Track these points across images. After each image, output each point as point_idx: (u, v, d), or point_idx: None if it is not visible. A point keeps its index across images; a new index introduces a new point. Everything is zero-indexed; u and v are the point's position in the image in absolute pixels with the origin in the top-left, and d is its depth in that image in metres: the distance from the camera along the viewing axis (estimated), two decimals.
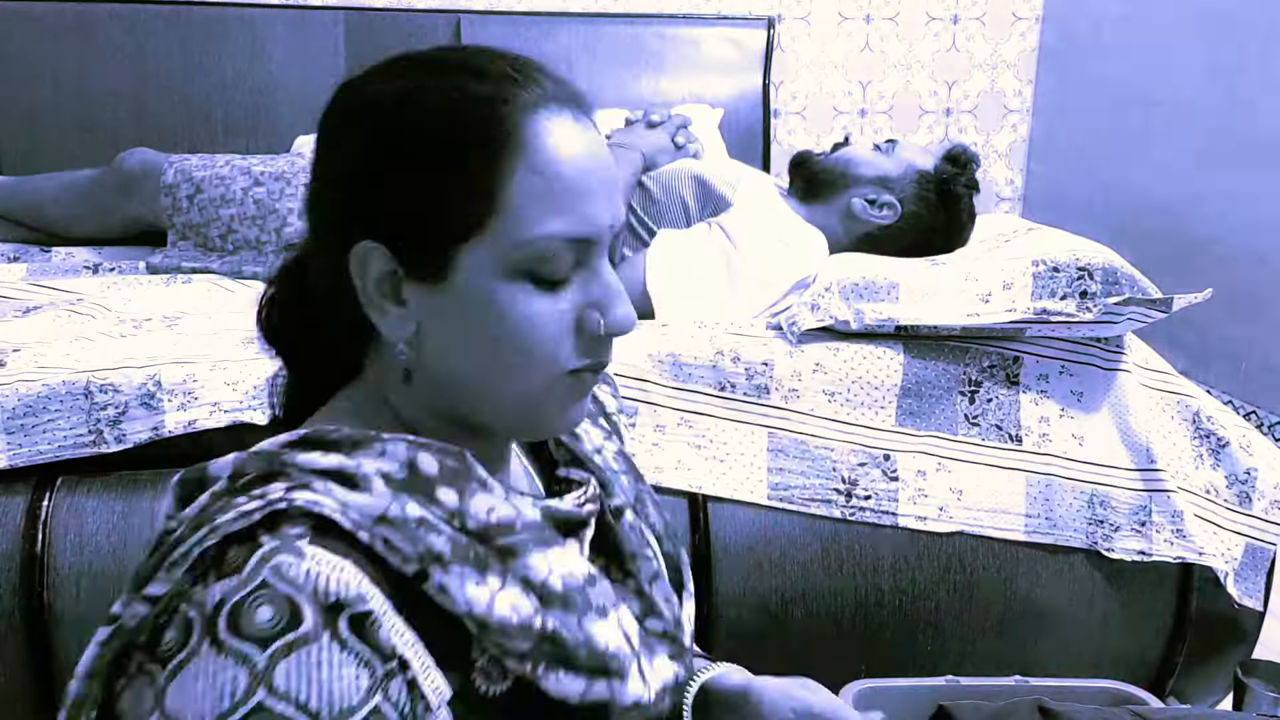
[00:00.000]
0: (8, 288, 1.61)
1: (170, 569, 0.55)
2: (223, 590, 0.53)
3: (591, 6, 2.70)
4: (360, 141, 0.61)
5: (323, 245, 0.65)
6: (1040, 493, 1.32)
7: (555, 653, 0.60)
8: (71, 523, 1.17)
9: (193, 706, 0.51)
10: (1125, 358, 1.36)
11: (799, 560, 1.28)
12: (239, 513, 0.55)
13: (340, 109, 0.64)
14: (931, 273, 1.39)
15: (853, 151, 1.74)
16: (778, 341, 1.33)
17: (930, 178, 1.68)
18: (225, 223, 1.73)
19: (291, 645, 0.52)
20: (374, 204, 0.60)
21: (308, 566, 0.53)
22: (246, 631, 0.52)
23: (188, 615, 0.53)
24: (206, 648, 0.52)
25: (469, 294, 0.60)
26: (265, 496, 0.56)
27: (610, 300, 0.63)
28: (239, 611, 0.52)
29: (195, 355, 1.27)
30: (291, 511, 0.56)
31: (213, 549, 0.55)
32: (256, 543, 0.54)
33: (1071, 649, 1.35)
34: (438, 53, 0.63)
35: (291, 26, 2.44)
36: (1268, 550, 1.34)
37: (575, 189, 0.60)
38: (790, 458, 1.29)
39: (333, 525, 0.56)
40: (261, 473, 0.58)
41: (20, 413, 1.17)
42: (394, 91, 0.61)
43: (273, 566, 0.53)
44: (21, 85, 2.31)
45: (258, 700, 0.51)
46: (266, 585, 0.52)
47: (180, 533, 0.57)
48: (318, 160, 0.65)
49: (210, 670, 0.51)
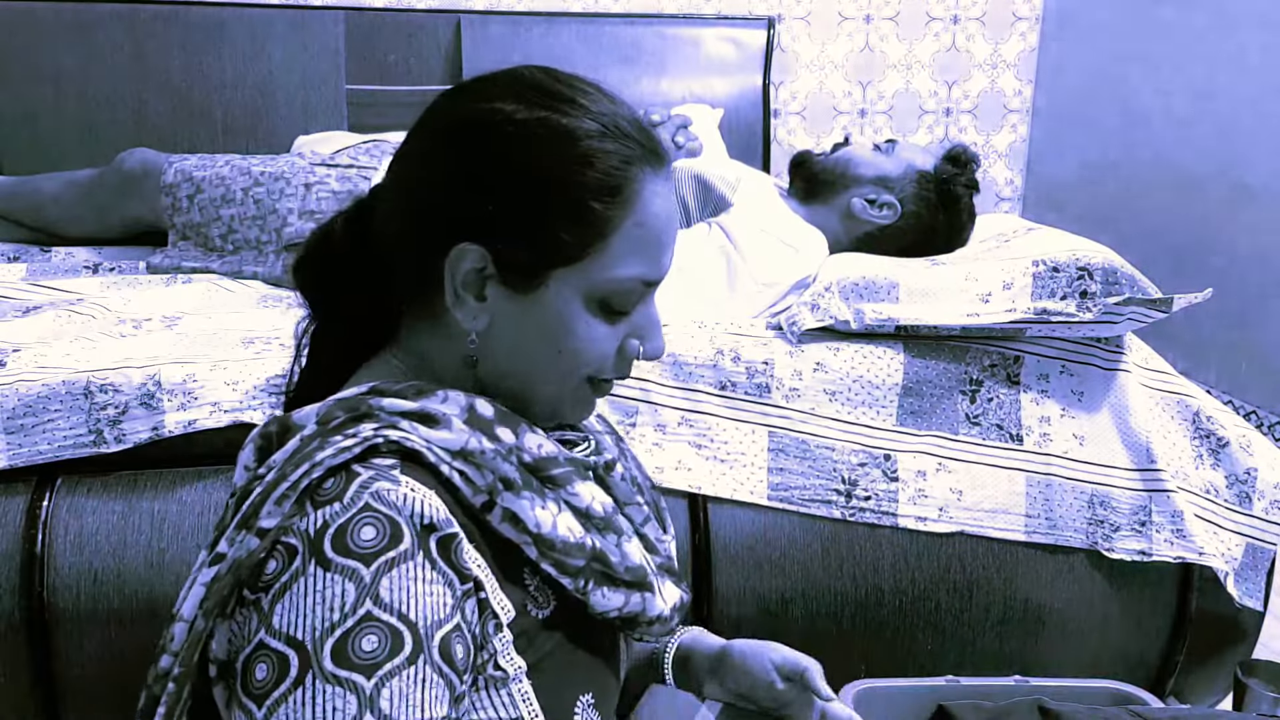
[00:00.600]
0: (8, 288, 1.60)
1: (279, 502, 0.60)
2: (325, 515, 0.59)
3: (591, 6, 2.70)
4: (487, 154, 0.67)
5: (413, 229, 0.70)
6: (1040, 493, 1.32)
7: (602, 570, 0.69)
8: (71, 523, 1.17)
9: (304, 619, 0.56)
10: (1125, 358, 1.36)
11: (799, 560, 1.28)
12: (338, 448, 0.61)
13: (466, 116, 0.68)
14: (931, 273, 1.40)
15: (852, 151, 1.74)
16: (778, 341, 1.34)
17: (930, 177, 1.68)
18: (225, 223, 1.73)
19: (393, 561, 0.58)
20: (490, 215, 0.67)
21: (404, 492, 0.60)
22: (352, 550, 0.58)
23: (288, 543, 0.59)
24: (314, 566, 0.57)
25: (549, 309, 0.69)
26: (359, 434, 0.62)
27: (652, 332, 0.73)
28: (344, 532, 0.58)
29: (195, 355, 1.27)
30: (383, 446, 0.62)
31: (314, 481, 0.60)
32: (352, 473, 0.60)
33: (1071, 649, 1.35)
34: (565, 87, 0.69)
35: (291, 26, 2.44)
36: (1268, 550, 1.34)
37: (659, 241, 0.71)
38: (791, 457, 1.29)
39: (418, 459, 0.63)
40: (350, 415, 0.64)
41: (20, 413, 1.17)
42: (531, 120, 0.67)
43: (373, 492, 0.59)
44: (21, 85, 2.31)
45: (366, 610, 0.56)
46: (369, 508, 0.59)
47: (280, 470, 0.62)
48: (432, 154, 0.69)
49: (319, 586, 0.57)
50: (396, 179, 0.72)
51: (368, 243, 0.73)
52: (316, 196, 1.71)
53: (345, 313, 0.75)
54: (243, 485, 0.65)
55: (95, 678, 1.18)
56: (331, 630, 0.56)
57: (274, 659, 0.56)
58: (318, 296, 0.77)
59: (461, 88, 0.71)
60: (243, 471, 0.68)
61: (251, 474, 0.66)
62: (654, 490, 0.86)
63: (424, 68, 2.52)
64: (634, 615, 0.72)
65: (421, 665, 0.57)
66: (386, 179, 0.74)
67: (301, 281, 0.77)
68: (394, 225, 0.71)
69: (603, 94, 0.71)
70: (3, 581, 1.15)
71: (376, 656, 0.56)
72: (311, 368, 0.78)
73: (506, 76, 0.70)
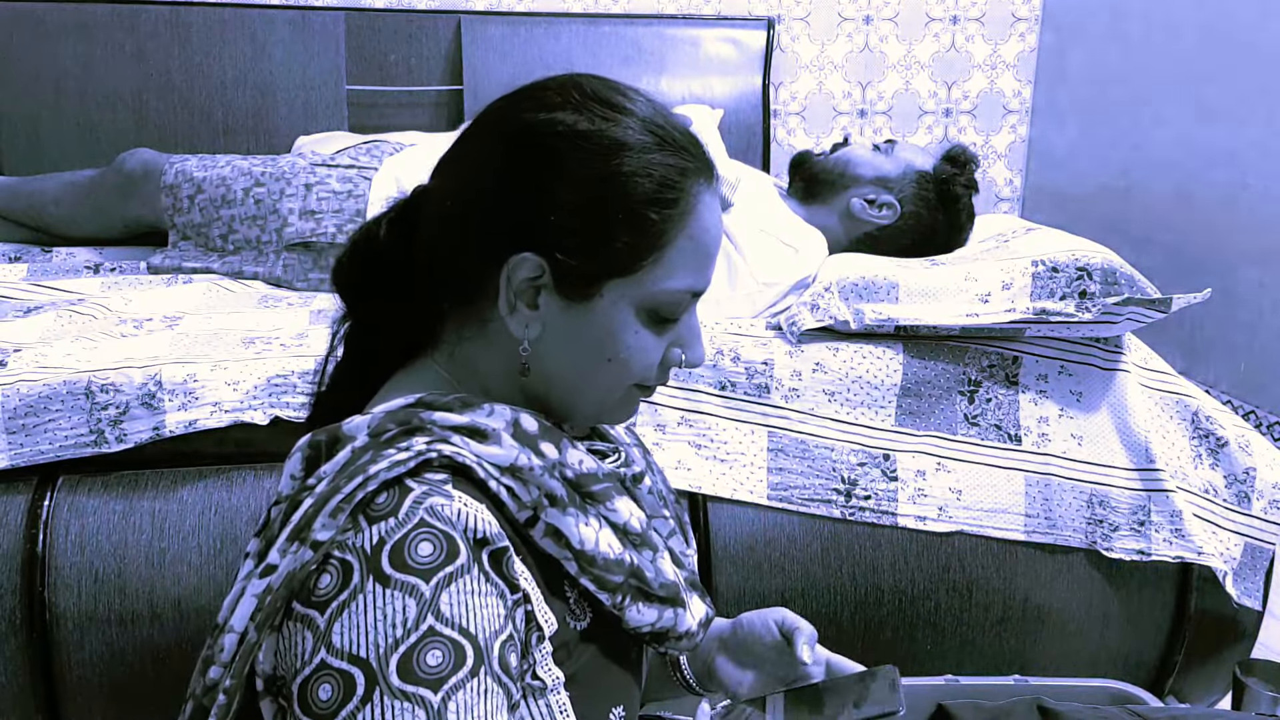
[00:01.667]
0: (9, 288, 1.61)
1: (335, 514, 0.60)
2: (381, 531, 0.59)
3: (591, 7, 2.70)
4: (549, 165, 0.67)
5: (469, 236, 0.70)
6: (1040, 492, 1.32)
7: (639, 586, 0.70)
8: (72, 522, 1.17)
9: (366, 637, 0.56)
10: (1124, 358, 1.36)
11: (799, 560, 1.29)
12: (392, 461, 0.61)
13: (528, 124, 0.68)
14: (931, 273, 1.40)
15: (852, 152, 1.74)
16: (778, 341, 1.34)
17: (929, 178, 1.68)
18: (226, 223, 1.73)
19: (451, 576, 0.58)
20: (549, 224, 0.67)
21: (458, 507, 0.60)
22: (411, 566, 0.58)
23: (344, 559, 0.59)
24: (372, 583, 0.57)
25: (602, 318, 0.69)
26: (411, 448, 0.62)
27: (694, 341, 0.75)
28: (401, 548, 0.58)
29: (196, 355, 1.27)
30: (436, 461, 0.63)
31: (369, 495, 0.60)
32: (405, 488, 0.60)
33: (1070, 648, 1.35)
34: (622, 98, 0.70)
35: (291, 27, 2.44)
36: (1266, 550, 1.34)
37: (709, 253, 0.72)
38: (790, 457, 1.29)
39: (468, 474, 0.63)
40: (404, 429, 0.64)
41: (21, 412, 1.18)
42: (593, 131, 0.67)
43: (428, 508, 0.60)
44: (22, 85, 2.30)
45: (428, 625, 0.57)
46: (425, 524, 0.59)
47: (333, 482, 0.62)
48: (487, 162, 0.69)
49: (380, 602, 0.57)
50: (450, 183, 0.72)
51: (412, 246, 0.73)
52: (317, 197, 1.71)
53: (385, 317, 0.75)
54: (291, 494, 0.65)
55: (96, 677, 1.18)
56: (396, 646, 0.56)
57: (338, 678, 0.56)
58: (357, 299, 0.76)
59: (520, 94, 0.71)
60: (289, 481, 0.67)
61: (299, 484, 0.65)
62: (677, 504, 0.86)
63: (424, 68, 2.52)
64: (665, 630, 0.72)
65: (483, 676, 0.58)
66: (436, 181, 0.74)
67: (342, 283, 0.76)
68: (446, 231, 0.71)
69: (655, 106, 0.71)
70: (4, 581, 1.15)
71: (442, 671, 0.56)
72: (345, 368, 0.78)
73: (565, 85, 0.70)
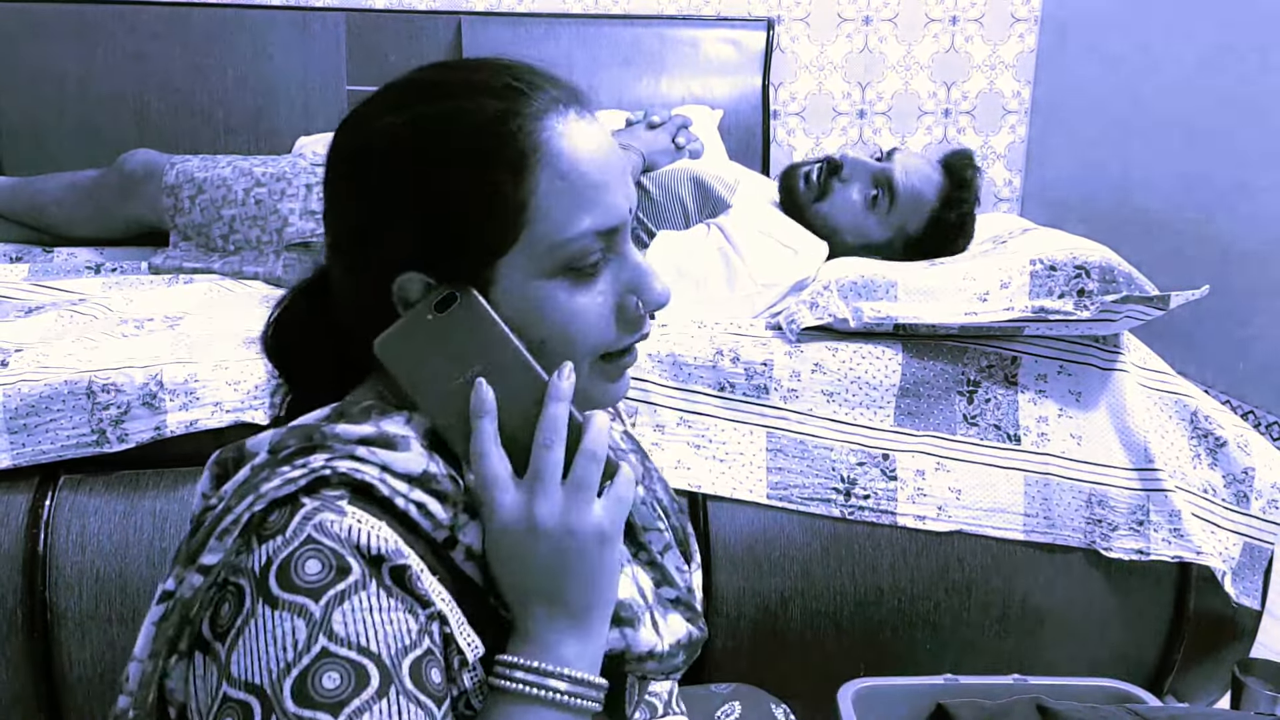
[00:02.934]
0: (10, 288, 1.61)
1: (221, 537, 0.57)
2: (269, 550, 0.55)
3: (591, 7, 2.70)
4: (383, 181, 0.62)
5: (359, 278, 0.65)
6: (1039, 492, 1.32)
7: None
8: (74, 522, 1.18)
9: (258, 663, 0.53)
10: (1123, 357, 1.36)
11: (799, 559, 1.29)
12: (284, 479, 0.57)
13: (353, 149, 0.64)
14: (930, 272, 1.40)
15: (839, 211, 1.64)
16: (777, 342, 1.34)
17: (926, 226, 1.62)
18: (227, 223, 1.74)
19: (343, 594, 0.54)
20: (408, 239, 0.62)
21: (350, 523, 0.56)
22: (298, 585, 0.54)
23: (238, 584, 0.56)
24: (262, 606, 0.54)
25: (510, 301, 0.62)
26: (308, 465, 0.58)
27: (643, 281, 0.66)
28: (288, 567, 0.55)
29: (197, 355, 1.28)
30: (332, 478, 0.58)
31: (258, 515, 0.57)
32: (298, 504, 0.57)
33: (1070, 648, 1.35)
34: (437, 74, 0.64)
35: (292, 27, 2.44)
36: (1265, 549, 1.35)
37: (596, 184, 0.62)
38: (789, 457, 1.30)
39: (370, 492, 0.59)
40: (302, 445, 0.60)
41: (23, 412, 1.18)
42: (405, 124, 0.61)
43: (316, 524, 0.56)
44: (23, 86, 2.31)
45: (321, 646, 0.53)
46: (312, 540, 0.55)
47: (226, 503, 0.58)
48: (339, 199, 0.65)
49: (269, 626, 0.54)
50: (326, 232, 0.67)
51: (327, 303, 0.69)
52: (318, 197, 1.71)
53: (317, 372, 0.71)
54: (197, 515, 0.61)
55: (97, 677, 1.18)
56: (288, 671, 0.53)
57: (238, 709, 0.53)
58: (288, 365, 0.73)
59: (346, 119, 0.65)
60: (199, 499, 0.63)
61: (205, 503, 0.61)
62: (681, 515, 0.81)
63: None
64: (616, 653, 0.65)
65: (395, 697, 0.54)
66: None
67: (272, 353, 0.73)
68: (339, 277, 0.67)
69: (476, 62, 0.64)
70: (5, 581, 1.15)
71: (341, 693, 0.52)
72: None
73: (387, 90, 0.65)
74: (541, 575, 0.61)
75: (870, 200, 1.64)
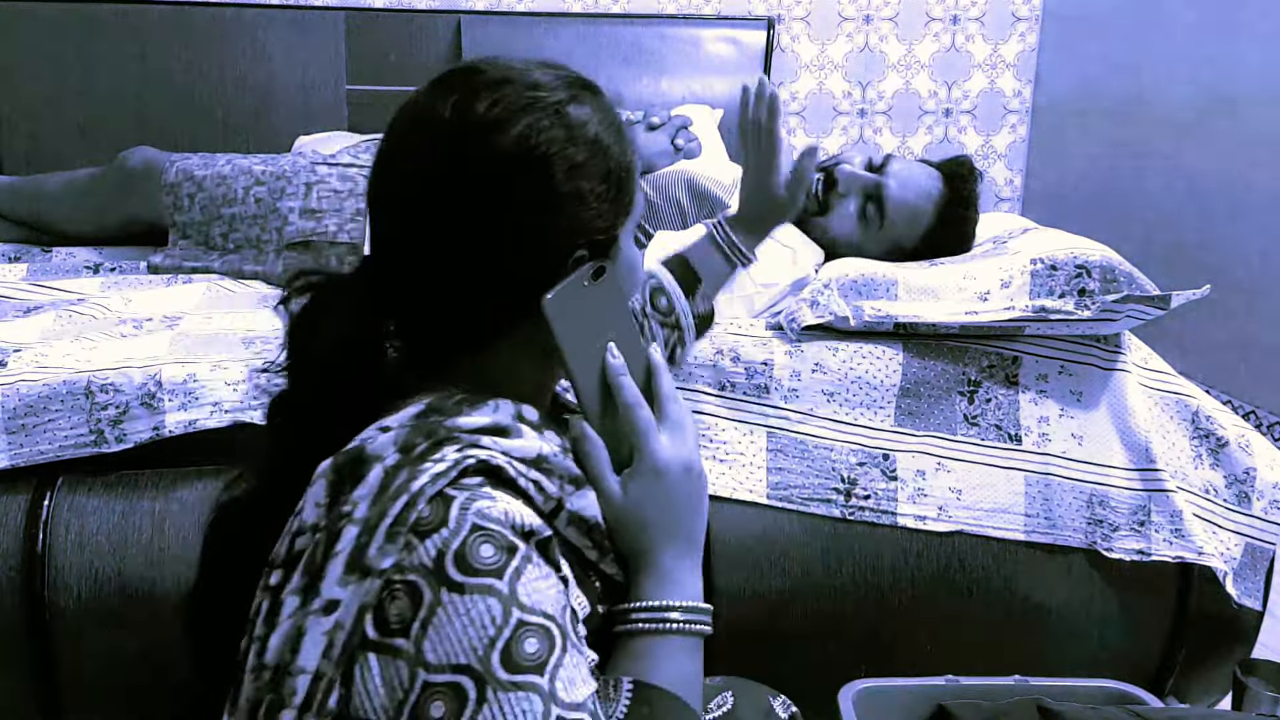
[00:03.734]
0: (8, 288, 1.61)
1: (391, 539, 0.60)
2: (437, 543, 0.60)
3: (591, 7, 2.70)
4: (559, 168, 0.69)
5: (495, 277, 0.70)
6: (1040, 492, 1.32)
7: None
8: (72, 522, 1.17)
9: (460, 644, 0.58)
10: (1124, 357, 1.36)
11: (799, 560, 1.28)
12: (432, 475, 0.62)
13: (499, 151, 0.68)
14: (930, 271, 1.40)
15: (837, 223, 1.61)
16: (777, 341, 1.34)
17: (921, 233, 1.59)
18: (227, 221, 1.73)
19: (518, 570, 0.60)
20: (582, 218, 0.71)
21: (503, 507, 0.62)
22: (478, 568, 0.59)
23: (407, 580, 0.59)
24: (446, 594, 0.59)
25: (624, 263, 0.76)
26: (445, 459, 0.63)
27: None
28: (464, 554, 0.59)
29: (196, 355, 1.27)
30: (472, 468, 0.63)
31: (402, 513, 0.61)
32: (446, 498, 0.61)
33: (1071, 649, 1.35)
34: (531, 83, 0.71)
35: (292, 27, 2.44)
36: (1267, 550, 1.34)
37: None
38: (790, 457, 1.29)
39: (498, 474, 0.65)
40: (433, 441, 0.64)
41: (21, 413, 1.18)
42: (561, 125, 0.69)
43: (475, 512, 0.61)
44: (22, 85, 2.31)
45: (516, 618, 0.59)
46: (478, 527, 0.60)
47: (379, 507, 0.61)
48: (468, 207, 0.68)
49: (462, 610, 0.58)
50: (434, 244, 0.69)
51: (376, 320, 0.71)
52: (318, 196, 1.71)
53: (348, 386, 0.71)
54: (325, 524, 0.63)
55: (95, 677, 1.18)
56: (492, 645, 0.58)
57: (448, 691, 0.57)
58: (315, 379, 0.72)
59: (454, 127, 0.70)
60: (314, 509, 0.64)
61: (326, 511, 0.63)
62: None
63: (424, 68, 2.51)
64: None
65: (571, 650, 0.61)
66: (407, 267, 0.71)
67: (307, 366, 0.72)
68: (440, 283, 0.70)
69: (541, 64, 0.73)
70: (3, 581, 1.15)
71: (540, 655, 0.59)
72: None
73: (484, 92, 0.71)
74: (680, 511, 0.72)
75: (861, 213, 1.60)
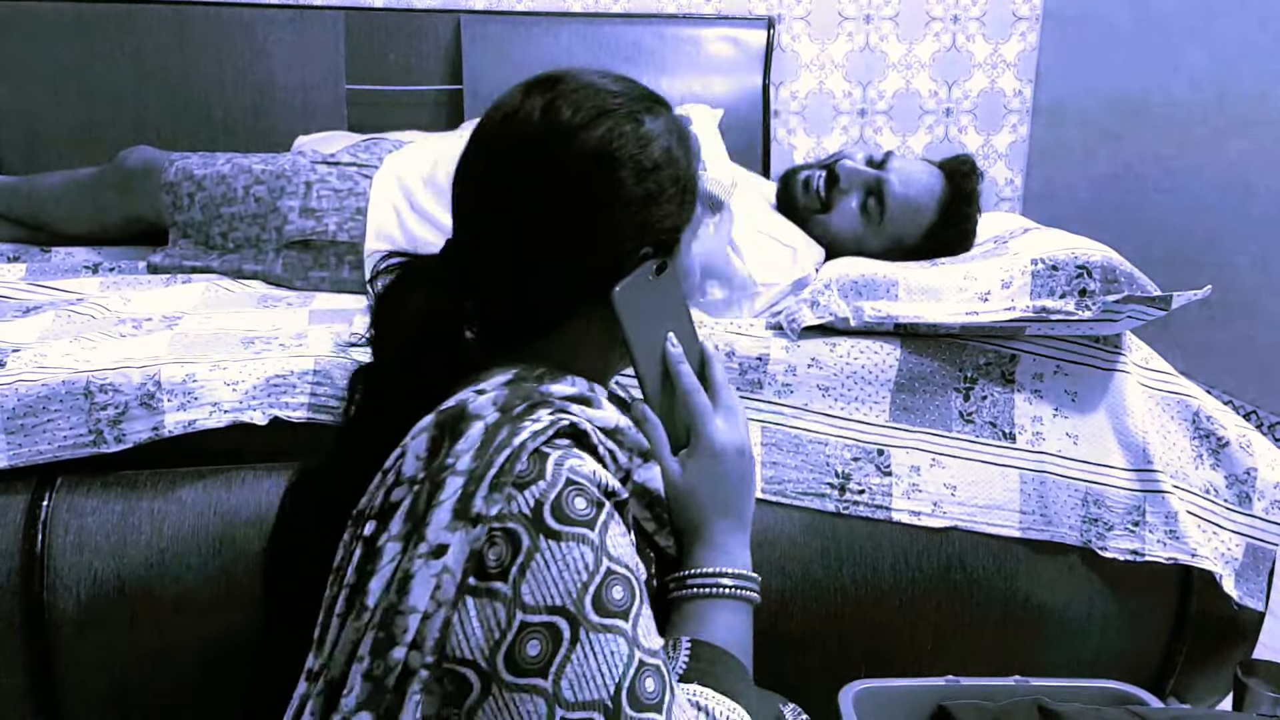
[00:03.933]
0: (7, 288, 1.60)
1: (496, 488, 0.65)
2: (535, 494, 0.65)
3: (591, 6, 2.70)
4: (633, 172, 0.76)
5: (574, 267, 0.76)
6: (1035, 489, 1.31)
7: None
8: (71, 523, 1.17)
9: (556, 588, 0.63)
10: (1124, 358, 1.36)
11: (799, 560, 1.28)
12: (532, 432, 0.67)
13: (586, 151, 0.75)
14: (931, 271, 1.40)
15: (839, 221, 1.63)
16: (773, 337, 1.34)
17: (925, 236, 1.61)
18: (226, 221, 1.73)
19: (605, 523, 0.66)
20: (651, 219, 0.77)
21: (591, 466, 0.68)
22: (574, 519, 0.65)
23: (506, 528, 0.64)
24: (544, 540, 0.64)
25: (680, 266, 0.81)
26: (541, 420, 0.68)
27: None
28: (560, 505, 0.65)
29: (195, 355, 1.27)
30: (562, 429, 0.69)
31: (506, 465, 0.66)
32: (542, 455, 0.67)
33: (1071, 649, 1.35)
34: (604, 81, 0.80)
35: (291, 26, 2.43)
36: (1269, 550, 1.34)
37: None
38: (784, 452, 1.29)
39: (583, 439, 0.71)
40: (530, 403, 0.70)
41: (20, 413, 1.17)
42: (637, 133, 0.77)
43: (569, 468, 0.66)
44: (21, 85, 2.31)
45: (606, 567, 0.64)
46: (572, 482, 0.66)
47: (484, 458, 0.66)
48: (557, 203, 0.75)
49: (558, 555, 0.63)
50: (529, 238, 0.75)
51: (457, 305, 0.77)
52: (318, 195, 1.71)
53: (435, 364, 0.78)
54: (425, 475, 0.68)
55: (95, 678, 1.18)
56: (586, 589, 0.63)
57: (544, 630, 0.62)
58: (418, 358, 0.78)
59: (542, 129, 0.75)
60: (415, 461, 0.70)
61: (427, 463, 0.69)
62: None
63: (424, 68, 2.52)
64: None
65: (644, 601, 0.66)
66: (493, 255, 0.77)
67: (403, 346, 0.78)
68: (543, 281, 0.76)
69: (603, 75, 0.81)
70: (2, 581, 1.15)
71: (625, 602, 0.64)
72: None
73: (569, 100, 0.76)
74: (733, 490, 0.79)
75: (862, 208, 1.62)
